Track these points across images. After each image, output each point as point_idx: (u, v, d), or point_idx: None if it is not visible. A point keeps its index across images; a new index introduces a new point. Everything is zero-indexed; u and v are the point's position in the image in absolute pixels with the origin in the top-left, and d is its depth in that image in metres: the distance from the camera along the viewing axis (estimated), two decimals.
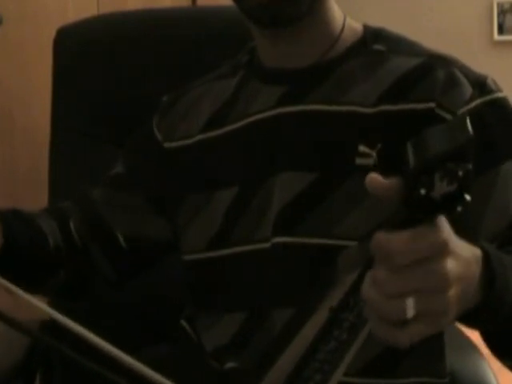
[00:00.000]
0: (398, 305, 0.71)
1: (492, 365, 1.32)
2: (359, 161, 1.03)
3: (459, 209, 0.70)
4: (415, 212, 0.71)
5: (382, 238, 0.72)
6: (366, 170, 1.01)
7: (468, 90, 1.02)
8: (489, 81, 1.05)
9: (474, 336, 1.43)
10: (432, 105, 1.01)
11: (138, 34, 1.51)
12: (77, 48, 1.51)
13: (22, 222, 1.13)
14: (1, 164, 2.22)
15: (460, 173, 0.69)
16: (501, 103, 1.04)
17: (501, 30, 3.87)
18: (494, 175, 1.01)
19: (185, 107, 1.19)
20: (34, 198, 2.04)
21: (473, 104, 1.02)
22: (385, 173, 0.77)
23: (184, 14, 1.61)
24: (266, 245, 1.06)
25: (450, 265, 0.73)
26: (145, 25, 1.53)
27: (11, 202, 2.24)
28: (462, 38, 3.79)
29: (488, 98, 1.03)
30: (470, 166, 0.70)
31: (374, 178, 0.74)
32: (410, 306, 0.71)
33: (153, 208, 1.19)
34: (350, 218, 1.02)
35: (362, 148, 1.03)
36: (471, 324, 0.90)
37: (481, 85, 1.03)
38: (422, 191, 0.70)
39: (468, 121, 0.71)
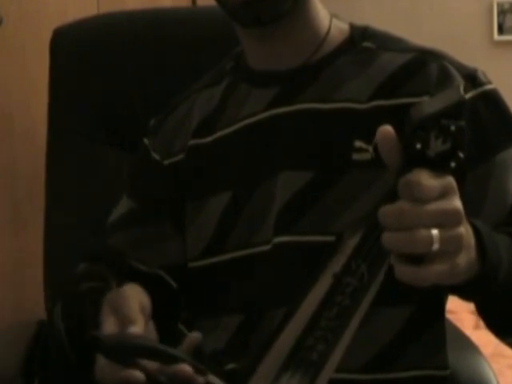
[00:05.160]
0: (424, 234, 0.76)
1: (492, 365, 1.32)
2: (356, 156, 1.04)
3: (453, 165, 0.76)
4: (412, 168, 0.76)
5: (407, 177, 0.76)
6: (363, 165, 1.02)
7: (460, 82, 1.04)
8: (479, 73, 1.07)
9: (474, 336, 1.43)
10: (426, 98, 1.02)
11: (138, 34, 1.51)
12: (74, 48, 1.51)
13: None
14: (1, 165, 2.22)
15: (452, 128, 0.74)
16: (492, 95, 1.06)
17: (501, 30, 3.86)
18: (490, 166, 1.03)
19: (174, 123, 1.18)
20: (34, 199, 2.04)
21: (465, 97, 1.03)
22: (382, 167, 0.79)
23: (184, 14, 1.61)
24: (267, 247, 1.06)
25: (459, 203, 0.79)
26: (144, 25, 1.53)
27: (11, 203, 2.24)
28: (462, 37, 3.79)
29: (480, 90, 1.05)
30: (463, 123, 0.75)
31: (386, 128, 0.79)
32: (436, 238, 0.76)
33: (179, 228, 1.15)
34: (349, 214, 1.02)
35: (359, 143, 1.04)
36: (470, 296, 0.94)
37: (472, 78, 1.05)
38: (418, 146, 0.75)
39: (461, 86, 0.79)
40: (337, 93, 1.07)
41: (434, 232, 0.76)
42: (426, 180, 0.76)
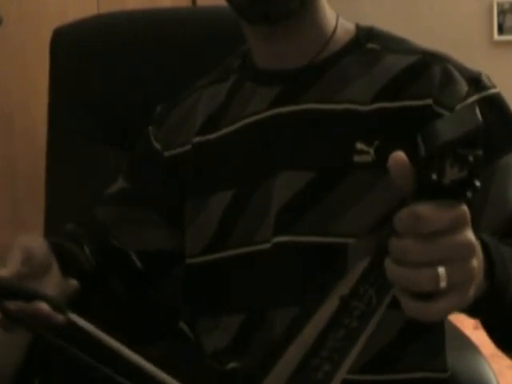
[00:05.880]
0: (430, 273, 0.72)
1: (492, 365, 1.32)
2: (357, 158, 1.03)
3: (469, 195, 0.72)
4: (427, 198, 0.72)
5: (408, 208, 0.72)
6: (364, 167, 1.02)
7: (464, 86, 1.04)
8: (483, 77, 1.06)
9: (474, 336, 1.43)
10: (429, 101, 1.02)
11: (138, 34, 1.51)
12: (74, 48, 1.51)
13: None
14: (1, 165, 2.22)
15: (470, 158, 0.70)
16: (496, 99, 1.06)
17: (501, 30, 3.86)
18: (492, 170, 1.02)
19: (179, 116, 1.19)
20: (34, 199, 2.04)
21: (469, 100, 1.03)
22: (383, 170, 0.78)
23: (184, 14, 1.61)
24: (267, 246, 1.06)
25: (472, 235, 0.74)
26: (144, 25, 1.53)
27: (11, 203, 2.24)
28: (462, 38, 3.79)
29: (483, 94, 1.05)
30: (481, 152, 0.70)
31: (399, 155, 0.74)
32: (443, 276, 0.72)
33: (164, 219, 1.18)
34: (350, 216, 1.02)
35: (360, 145, 1.04)
36: (477, 314, 0.92)
37: (476, 81, 1.05)
38: (434, 176, 0.71)
39: (477, 108, 0.73)
40: (340, 93, 1.07)
41: (441, 270, 0.72)
42: (431, 213, 0.71)
